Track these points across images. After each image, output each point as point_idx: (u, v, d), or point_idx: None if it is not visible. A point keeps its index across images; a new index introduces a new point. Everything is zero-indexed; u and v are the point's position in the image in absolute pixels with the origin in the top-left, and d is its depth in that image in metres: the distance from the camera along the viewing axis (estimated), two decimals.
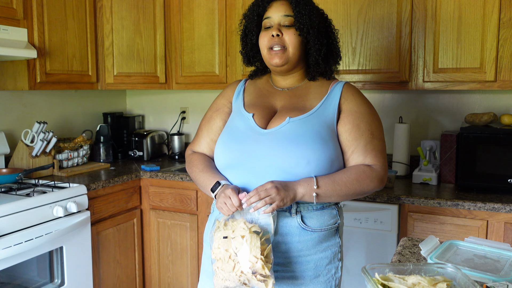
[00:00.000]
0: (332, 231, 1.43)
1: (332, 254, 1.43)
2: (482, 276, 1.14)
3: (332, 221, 1.43)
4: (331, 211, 1.43)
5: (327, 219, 1.42)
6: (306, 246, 1.39)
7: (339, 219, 1.46)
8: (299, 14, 1.41)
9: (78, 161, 2.80)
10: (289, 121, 1.40)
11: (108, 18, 2.82)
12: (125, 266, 2.66)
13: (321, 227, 1.40)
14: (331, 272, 1.43)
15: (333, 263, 1.43)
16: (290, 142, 1.36)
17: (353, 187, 1.37)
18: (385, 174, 1.41)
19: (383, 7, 2.39)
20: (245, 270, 1.21)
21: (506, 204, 1.96)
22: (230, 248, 1.24)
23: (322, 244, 1.41)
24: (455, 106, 2.61)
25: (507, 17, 2.15)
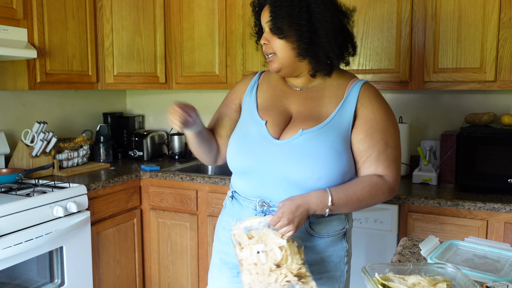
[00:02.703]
0: (340, 236, 1.42)
1: (338, 259, 1.42)
2: (482, 276, 1.14)
3: (340, 227, 1.41)
4: (339, 216, 1.41)
5: (335, 225, 1.40)
6: (312, 251, 1.38)
7: (347, 224, 1.44)
8: (274, 18, 1.33)
9: (78, 161, 2.80)
10: (302, 133, 1.34)
11: (108, 18, 2.82)
12: (125, 266, 2.66)
13: (328, 233, 1.39)
14: (335, 276, 1.42)
15: (338, 267, 1.42)
16: (302, 157, 1.32)
17: (366, 201, 1.34)
18: (396, 184, 1.36)
19: (383, 7, 2.39)
20: (291, 279, 1.19)
21: (506, 204, 1.96)
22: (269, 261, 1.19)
23: (329, 249, 1.40)
24: (455, 106, 2.61)
25: (507, 17, 2.15)
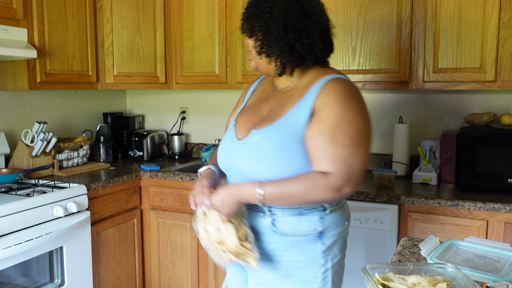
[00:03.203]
0: (310, 237, 1.39)
1: (310, 259, 1.40)
2: (482, 276, 1.14)
3: (310, 228, 1.39)
4: (311, 217, 1.39)
5: (303, 225, 1.39)
6: (277, 247, 1.41)
7: (322, 227, 1.40)
8: (243, 19, 1.42)
9: (78, 161, 2.80)
10: (253, 134, 1.40)
11: (108, 18, 2.82)
12: (125, 266, 2.66)
13: (294, 232, 1.39)
14: (307, 276, 1.41)
15: (310, 268, 1.41)
16: (253, 156, 1.38)
17: (300, 197, 1.31)
18: (343, 183, 1.28)
19: (383, 7, 2.39)
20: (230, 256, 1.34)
21: (506, 204, 1.96)
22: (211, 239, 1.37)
23: (297, 247, 1.40)
24: (455, 106, 2.61)
25: (507, 17, 2.15)
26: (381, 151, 2.81)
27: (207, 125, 3.30)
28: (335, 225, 1.43)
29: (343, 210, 1.48)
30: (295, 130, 1.34)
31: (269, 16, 1.37)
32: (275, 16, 1.36)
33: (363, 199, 2.21)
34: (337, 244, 1.45)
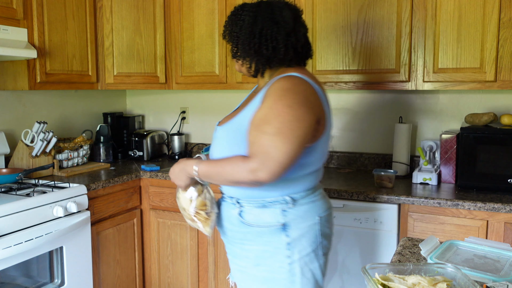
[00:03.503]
0: (275, 229, 1.49)
1: (275, 250, 1.50)
2: (482, 276, 1.14)
3: (273, 220, 1.49)
4: (273, 210, 1.50)
5: (266, 217, 1.50)
6: (246, 237, 1.54)
7: (285, 220, 1.49)
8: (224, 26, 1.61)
9: (78, 161, 2.80)
10: (216, 129, 1.60)
11: (108, 18, 2.82)
12: (125, 266, 2.66)
13: (258, 223, 1.51)
14: (274, 265, 1.51)
15: (276, 259, 1.50)
16: (214, 149, 1.60)
17: (224, 175, 1.45)
18: (257, 167, 1.35)
19: (383, 7, 2.39)
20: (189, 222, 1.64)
21: (506, 204, 1.96)
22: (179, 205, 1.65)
23: (262, 238, 1.51)
24: (455, 106, 2.61)
25: (507, 17, 2.15)
26: (381, 151, 2.81)
27: (207, 125, 3.30)
28: (301, 219, 1.51)
29: (314, 206, 1.55)
30: (244, 126, 1.47)
31: (242, 23, 1.54)
32: (245, 23, 1.53)
33: (363, 199, 2.21)
34: (305, 238, 1.51)
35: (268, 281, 1.53)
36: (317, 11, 2.54)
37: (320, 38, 2.55)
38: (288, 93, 1.41)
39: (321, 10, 2.53)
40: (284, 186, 1.50)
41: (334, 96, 2.90)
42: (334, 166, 2.91)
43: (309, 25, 2.56)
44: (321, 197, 1.60)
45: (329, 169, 2.83)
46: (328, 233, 1.60)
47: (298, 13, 1.58)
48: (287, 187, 1.50)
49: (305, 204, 1.53)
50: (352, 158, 2.86)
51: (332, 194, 2.27)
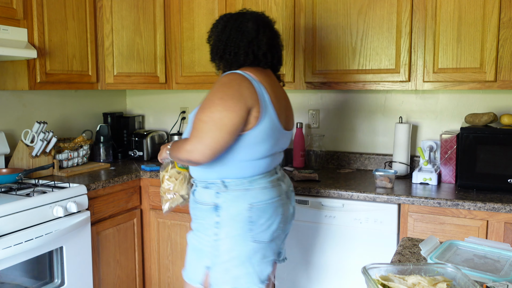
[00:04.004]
0: (209, 208, 1.72)
1: (207, 226, 1.74)
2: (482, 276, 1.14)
3: (209, 200, 1.73)
4: (210, 191, 1.73)
5: (205, 196, 1.74)
6: (194, 212, 1.80)
7: (217, 201, 1.71)
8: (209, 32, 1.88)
9: (78, 161, 2.80)
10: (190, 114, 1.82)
11: (108, 18, 2.82)
12: (125, 266, 2.66)
13: (201, 201, 1.76)
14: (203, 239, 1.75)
15: (208, 232, 1.74)
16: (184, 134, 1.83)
17: (176, 154, 1.73)
18: (192, 148, 1.62)
19: (383, 7, 2.39)
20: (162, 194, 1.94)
21: (506, 204, 1.96)
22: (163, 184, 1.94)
23: (202, 214, 1.76)
24: (455, 106, 2.61)
25: (507, 17, 2.15)
26: (381, 151, 2.81)
27: None
28: (231, 203, 1.70)
29: (247, 193, 1.70)
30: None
31: (215, 30, 1.83)
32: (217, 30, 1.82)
33: (363, 199, 2.21)
34: (233, 221, 1.69)
35: (197, 250, 1.78)
36: (317, 11, 2.54)
37: (320, 38, 2.55)
38: (222, 87, 1.66)
39: (321, 10, 2.53)
40: (221, 170, 1.71)
41: (334, 96, 2.90)
42: (334, 166, 2.91)
43: (309, 25, 2.56)
44: (262, 188, 1.72)
45: (329, 169, 2.83)
46: (262, 223, 1.71)
47: (265, 24, 1.81)
48: (223, 171, 1.71)
49: (237, 190, 1.70)
50: (352, 158, 2.86)
51: (332, 194, 2.27)
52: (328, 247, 2.32)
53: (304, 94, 2.98)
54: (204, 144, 1.60)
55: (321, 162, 2.85)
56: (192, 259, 1.80)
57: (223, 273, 1.72)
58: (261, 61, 1.77)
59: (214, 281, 1.73)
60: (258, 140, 1.68)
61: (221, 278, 1.73)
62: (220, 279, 1.73)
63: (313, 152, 2.84)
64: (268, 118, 1.68)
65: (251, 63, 1.76)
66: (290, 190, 1.89)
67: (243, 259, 1.71)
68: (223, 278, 1.72)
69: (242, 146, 1.67)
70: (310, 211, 2.33)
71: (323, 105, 2.94)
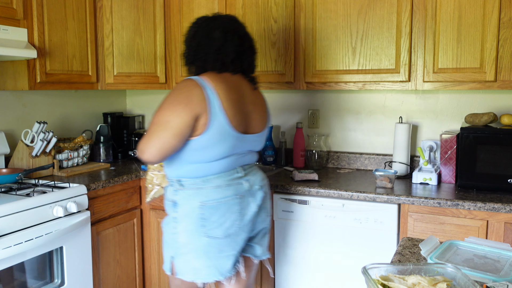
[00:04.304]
0: (170, 204, 1.87)
1: (169, 221, 1.89)
2: (482, 276, 1.14)
3: (170, 197, 1.87)
4: (171, 188, 1.87)
5: (168, 193, 1.89)
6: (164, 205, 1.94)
7: (175, 198, 1.84)
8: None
9: (78, 161, 2.80)
10: None
11: (108, 18, 2.82)
12: (125, 266, 2.66)
13: (166, 197, 1.91)
14: (167, 232, 1.90)
15: (169, 228, 1.89)
16: None
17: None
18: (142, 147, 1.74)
19: (383, 7, 2.39)
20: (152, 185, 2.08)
21: (506, 204, 1.96)
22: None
23: (168, 210, 1.89)
24: (455, 106, 2.61)
25: (507, 17, 2.15)
26: (381, 151, 2.81)
27: None
28: (186, 201, 1.82)
29: (199, 192, 1.81)
30: None
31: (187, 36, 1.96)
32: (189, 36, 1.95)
33: (363, 199, 2.21)
34: (188, 217, 1.82)
35: (165, 243, 1.94)
36: (317, 11, 2.54)
37: (320, 38, 2.55)
38: (174, 92, 1.78)
39: (321, 10, 2.53)
40: (178, 170, 1.84)
41: (334, 96, 2.90)
42: (334, 166, 2.91)
43: (309, 25, 2.56)
44: (215, 187, 1.81)
45: (329, 169, 2.83)
46: (214, 220, 1.80)
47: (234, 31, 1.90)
48: (181, 170, 1.83)
49: (191, 189, 1.82)
50: (352, 158, 2.86)
51: (332, 194, 2.27)
52: (328, 247, 2.32)
53: (304, 94, 2.98)
54: (152, 144, 1.72)
55: (321, 162, 2.85)
56: (163, 249, 1.97)
57: (184, 263, 1.87)
58: (229, 68, 1.87)
59: (178, 270, 1.89)
60: (208, 145, 1.77)
61: (183, 268, 1.87)
62: (183, 269, 1.88)
63: (313, 152, 2.84)
64: (217, 124, 1.76)
65: (220, 70, 1.86)
66: (256, 189, 1.92)
67: (200, 252, 1.83)
68: (185, 268, 1.87)
69: (193, 150, 1.78)
70: (310, 211, 2.33)
71: (323, 105, 2.94)
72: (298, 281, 2.41)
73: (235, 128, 1.81)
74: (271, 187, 2.40)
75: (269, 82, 2.71)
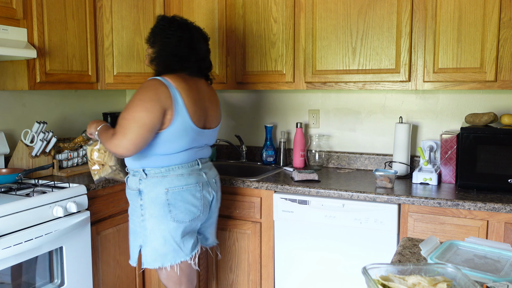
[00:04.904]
0: (135, 193, 2.02)
1: (135, 209, 2.04)
2: (482, 276, 1.14)
3: (134, 186, 2.03)
4: (135, 178, 2.03)
5: (132, 183, 2.04)
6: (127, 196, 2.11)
7: (140, 187, 2.00)
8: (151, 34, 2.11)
9: (78, 161, 2.80)
10: None
11: (108, 18, 2.82)
12: (125, 266, 2.66)
13: (130, 186, 2.06)
14: (135, 220, 2.05)
15: (136, 216, 2.04)
16: None
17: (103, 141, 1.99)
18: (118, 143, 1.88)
19: (383, 7, 2.39)
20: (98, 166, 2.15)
21: (506, 204, 1.96)
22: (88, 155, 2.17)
23: (132, 198, 2.06)
24: (455, 106, 2.61)
25: (507, 17, 2.15)
26: (381, 151, 2.81)
27: None
28: (150, 188, 1.98)
29: (164, 180, 1.99)
30: None
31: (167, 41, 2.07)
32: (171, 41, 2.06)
33: (363, 199, 2.21)
34: (154, 204, 1.98)
35: (133, 232, 2.07)
36: (317, 11, 2.54)
37: (320, 38, 2.55)
38: (142, 90, 1.94)
39: (321, 10, 2.53)
40: (143, 160, 1.99)
41: (334, 96, 2.90)
42: (334, 166, 2.91)
43: (309, 25, 2.56)
44: (178, 175, 2.00)
45: (329, 169, 2.83)
46: (180, 205, 2.00)
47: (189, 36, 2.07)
48: (145, 161, 1.99)
49: (155, 177, 1.99)
50: (352, 158, 2.86)
51: (332, 194, 2.27)
52: (328, 247, 2.32)
53: (304, 94, 2.98)
54: (127, 140, 1.87)
55: (321, 162, 2.85)
56: (131, 241, 2.10)
57: (152, 251, 2.01)
58: (185, 70, 2.06)
59: (146, 259, 2.03)
60: (172, 137, 1.96)
61: (151, 257, 2.01)
62: (150, 258, 2.02)
63: (313, 152, 2.84)
64: (181, 119, 1.95)
65: (177, 71, 2.04)
66: (213, 182, 2.16)
67: (167, 237, 2.00)
68: (152, 256, 2.01)
69: (158, 143, 1.96)
70: (310, 211, 2.33)
71: (323, 105, 2.94)
72: (298, 281, 2.41)
73: (195, 123, 2.01)
74: (271, 187, 2.41)
75: (269, 82, 2.71)
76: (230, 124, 3.23)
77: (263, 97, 3.11)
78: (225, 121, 3.24)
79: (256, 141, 3.17)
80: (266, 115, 3.12)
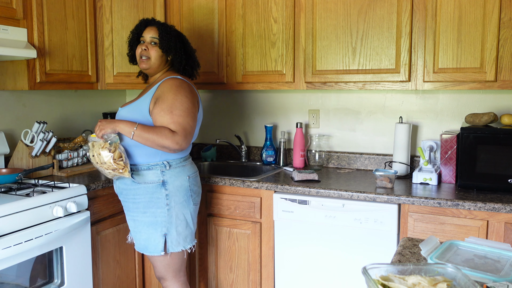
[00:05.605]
0: (157, 185, 2.10)
1: (158, 200, 2.11)
2: (482, 276, 1.14)
3: (155, 179, 2.10)
4: (155, 171, 2.11)
5: (151, 176, 2.11)
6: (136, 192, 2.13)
7: (164, 178, 2.10)
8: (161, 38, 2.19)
9: (78, 161, 2.80)
10: (119, 110, 2.22)
11: (108, 18, 2.82)
12: (125, 266, 2.66)
13: (145, 181, 2.11)
14: (157, 212, 2.11)
15: (159, 206, 2.11)
16: None
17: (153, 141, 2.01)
18: (181, 139, 2.02)
19: (383, 7, 2.39)
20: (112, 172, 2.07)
21: (506, 204, 1.96)
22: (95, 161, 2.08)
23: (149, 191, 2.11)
24: (455, 106, 2.61)
25: (508, 17, 2.15)
26: (381, 151, 2.81)
27: (207, 125, 3.30)
28: (175, 178, 2.13)
29: (184, 168, 2.17)
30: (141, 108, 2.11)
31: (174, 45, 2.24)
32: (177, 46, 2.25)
33: (363, 199, 2.21)
34: (179, 191, 2.13)
35: (152, 224, 2.13)
36: (317, 11, 2.54)
37: (320, 38, 2.55)
38: (181, 88, 2.10)
39: (321, 10, 2.53)
40: (163, 154, 2.11)
41: (334, 96, 2.90)
42: (334, 166, 2.91)
43: (309, 25, 2.56)
44: (189, 163, 2.24)
45: (329, 169, 2.83)
46: (196, 189, 2.22)
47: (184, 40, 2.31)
48: (165, 155, 2.11)
49: (177, 167, 2.15)
50: (352, 158, 2.86)
51: (332, 194, 2.27)
52: (328, 247, 2.32)
53: (304, 94, 2.98)
54: (189, 133, 2.06)
55: (321, 162, 2.85)
56: (150, 234, 2.14)
57: (177, 235, 2.14)
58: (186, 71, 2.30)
59: (171, 245, 2.14)
60: (197, 130, 2.20)
61: (175, 241, 2.14)
62: (175, 242, 2.14)
63: (313, 152, 2.84)
64: (201, 113, 2.23)
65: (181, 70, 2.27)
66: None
67: (189, 220, 2.18)
68: (177, 240, 2.14)
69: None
70: (310, 211, 2.33)
71: (323, 105, 2.94)
72: (298, 281, 2.41)
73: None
74: (271, 187, 2.41)
75: (269, 82, 2.71)
76: (230, 124, 3.24)
77: (263, 97, 3.11)
78: (225, 121, 3.24)
79: (256, 141, 3.17)
80: (266, 115, 3.12)
